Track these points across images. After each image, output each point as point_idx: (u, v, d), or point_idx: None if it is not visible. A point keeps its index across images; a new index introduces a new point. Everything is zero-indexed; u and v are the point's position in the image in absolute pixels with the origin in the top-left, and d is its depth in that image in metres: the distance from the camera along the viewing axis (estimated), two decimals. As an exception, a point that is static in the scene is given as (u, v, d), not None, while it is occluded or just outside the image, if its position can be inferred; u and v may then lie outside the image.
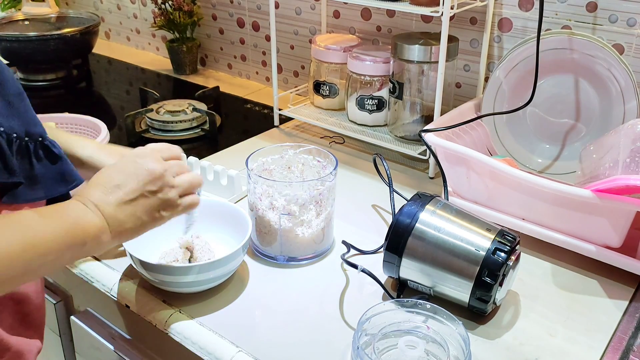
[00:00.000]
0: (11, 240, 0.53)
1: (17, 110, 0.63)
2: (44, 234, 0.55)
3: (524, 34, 1.15)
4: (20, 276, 0.55)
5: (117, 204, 0.62)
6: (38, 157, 0.63)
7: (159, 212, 0.66)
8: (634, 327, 0.78)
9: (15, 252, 0.52)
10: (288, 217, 0.85)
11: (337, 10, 1.42)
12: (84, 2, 2.09)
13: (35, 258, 0.54)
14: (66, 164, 0.66)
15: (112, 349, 0.91)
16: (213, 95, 1.54)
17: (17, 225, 0.54)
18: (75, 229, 0.58)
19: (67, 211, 0.59)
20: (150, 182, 0.65)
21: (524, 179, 0.88)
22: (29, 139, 0.63)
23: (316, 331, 0.77)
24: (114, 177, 0.64)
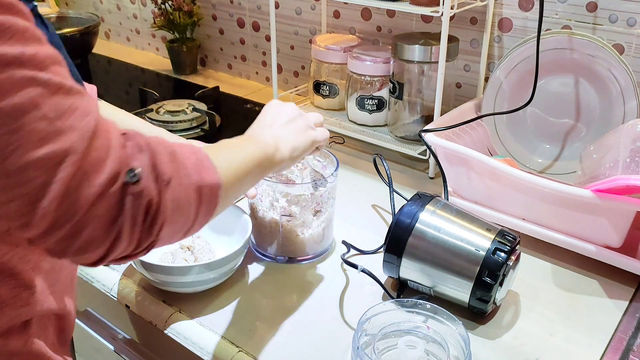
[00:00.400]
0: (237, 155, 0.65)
1: None
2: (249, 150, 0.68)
3: (524, 34, 1.15)
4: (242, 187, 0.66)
5: (277, 127, 0.76)
6: None
7: (307, 132, 0.78)
8: (634, 327, 0.78)
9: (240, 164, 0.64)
10: (288, 218, 0.85)
11: (337, 10, 1.42)
12: (83, 2, 2.09)
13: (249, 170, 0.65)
14: None
15: (112, 349, 0.91)
16: (213, 96, 1.53)
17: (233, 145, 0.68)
18: (263, 147, 0.70)
19: (252, 136, 0.74)
20: (292, 114, 0.79)
21: (524, 179, 0.88)
22: None
23: (316, 331, 0.77)
24: (267, 118, 0.78)
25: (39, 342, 0.61)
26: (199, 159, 0.55)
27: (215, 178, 0.56)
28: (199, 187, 0.54)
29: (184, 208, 0.52)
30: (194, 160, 0.55)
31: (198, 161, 0.55)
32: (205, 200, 0.55)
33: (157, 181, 0.49)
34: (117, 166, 0.46)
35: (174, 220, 0.51)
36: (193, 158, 0.55)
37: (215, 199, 0.56)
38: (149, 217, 0.48)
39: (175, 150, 0.53)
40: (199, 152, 0.56)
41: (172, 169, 0.51)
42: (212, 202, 0.56)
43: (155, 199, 0.48)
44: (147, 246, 0.50)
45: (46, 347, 0.62)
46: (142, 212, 0.48)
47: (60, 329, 0.66)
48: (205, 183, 0.54)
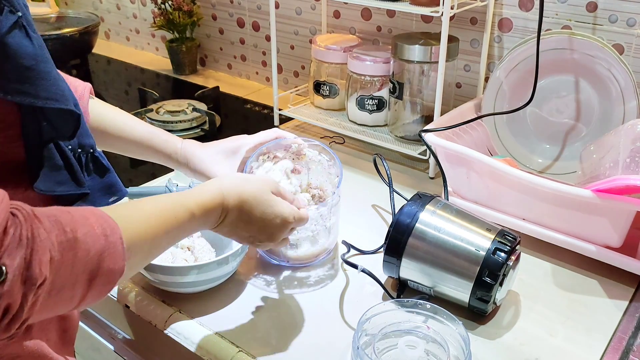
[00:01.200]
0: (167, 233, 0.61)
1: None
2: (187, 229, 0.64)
3: (524, 34, 1.15)
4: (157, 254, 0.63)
5: (237, 225, 0.70)
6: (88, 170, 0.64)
7: (241, 241, 0.74)
8: (634, 327, 0.78)
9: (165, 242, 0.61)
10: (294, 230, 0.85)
11: (338, 10, 1.42)
12: (83, 2, 2.09)
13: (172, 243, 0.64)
14: (113, 175, 0.68)
15: (112, 350, 0.91)
16: (213, 96, 1.54)
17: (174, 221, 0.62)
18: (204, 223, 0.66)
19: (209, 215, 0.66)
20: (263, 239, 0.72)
21: (524, 179, 0.88)
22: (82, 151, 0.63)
23: (316, 331, 0.77)
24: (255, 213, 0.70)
25: (40, 343, 0.61)
26: (110, 242, 0.51)
27: (119, 265, 0.52)
28: (94, 275, 0.50)
29: (65, 296, 0.49)
30: (102, 245, 0.51)
31: (107, 246, 0.51)
32: (97, 286, 0.51)
33: (25, 284, 0.45)
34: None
35: (45, 310, 0.48)
36: (102, 242, 0.51)
37: (110, 284, 0.53)
38: (7, 317, 0.45)
39: (77, 236, 0.49)
40: (112, 235, 0.52)
41: (55, 266, 0.47)
42: (105, 288, 0.53)
43: (16, 302, 0.45)
44: (6, 338, 0.47)
45: (48, 347, 0.62)
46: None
47: (63, 330, 0.66)
48: (104, 270, 0.51)
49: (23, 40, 0.51)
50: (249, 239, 0.72)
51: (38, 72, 0.53)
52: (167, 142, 0.86)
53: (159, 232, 0.59)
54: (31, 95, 0.54)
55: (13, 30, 0.50)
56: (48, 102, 0.55)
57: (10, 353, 0.58)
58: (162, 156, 0.87)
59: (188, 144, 0.88)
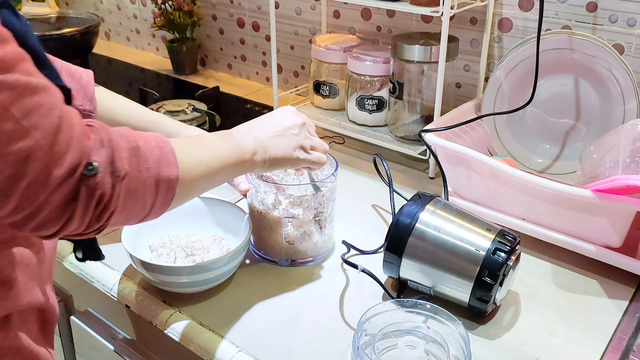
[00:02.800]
0: (205, 152, 0.67)
1: None
2: (222, 149, 0.70)
3: (524, 34, 1.15)
4: (206, 183, 0.68)
5: (266, 137, 0.77)
6: None
7: (295, 152, 0.79)
8: (634, 327, 0.78)
9: (208, 161, 0.66)
10: (291, 219, 0.85)
11: (337, 10, 1.42)
12: (84, 2, 2.09)
13: (217, 169, 0.68)
14: None
15: (112, 349, 0.91)
16: (213, 96, 1.54)
17: (206, 142, 0.70)
18: (239, 149, 0.72)
19: (233, 136, 0.74)
20: (292, 127, 0.80)
21: (524, 179, 0.88)
22: None
23: (316, 331, 0.77)
24: (263, 120, 0.80)
25: (21, 335, 0.62)
26: (164, 153, 0.59)
27: (175, 173, 0.59)
28: (157, 181, 0.58)
29: (139, 199, 0.57)
30: (157, 154, 0.58)
31: (161, 155, 0.59)
32: (161, 193, 0.59)
33: (112, 175, 0.53)
34: (77, 159, 0.51)
35: (126, 209, 0.56)
36: (157, 152, 0.58)
37: (172, 192, 0.60)
38: (100, 206, 0.53)
39: (139, 144, 0.57)
40: (165, 147, 0.60)
41: (130, 164, 0.55)
42: (168, 195, 0.60)
43: (108, 192, 0.53)
44: (96, 229, 0.55)
45: (29, 339, 0.63)
46: (94, 202, 0.52)
47: (44, 322, 0.67)
48: (164, 177, 0.58)
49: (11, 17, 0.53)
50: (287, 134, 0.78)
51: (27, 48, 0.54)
52: (174, 123, 0.90)
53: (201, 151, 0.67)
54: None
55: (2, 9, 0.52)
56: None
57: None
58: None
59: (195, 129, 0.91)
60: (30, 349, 0.63)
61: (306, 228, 0.86)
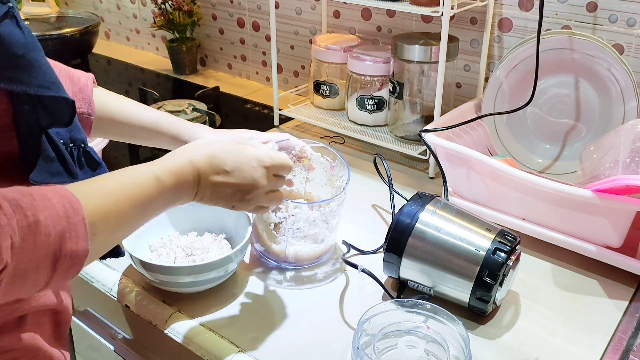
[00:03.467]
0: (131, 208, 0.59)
1: None
2: (153, 200, 0.62)
3: (524, 34, 1.15)
4: (129, 233, 0.62)
5: (214, 183, 0.68)
6: (80, 164, 0.65)
7: (232, 207, 0.72)
8: (634, 327, 0.78)
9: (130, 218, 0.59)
10: (296, 231, 0.85)
11: (337, 10, 1.42)
12: (83, 2, 2.09)
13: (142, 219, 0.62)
14: (105, 170, 0.68)
15: (112, 349, 0.91)
16: (213, 95, 1.54)
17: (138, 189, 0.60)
18: (176, 194, 0.65)
19: (178, 177, 0.64)
20: (247, 191, 0.70)
21: (524, 179, 0.88)
22: (73, 145, 0.64)
23: (316, 331, 0.77)
24: (228, 162, 0.68)
25: (34, 336, 0.62)
26: (72, 224, 0.51)
27: (82, 246, 0.52)
28: (57, 258, 0.51)
29: (29, 279, 0.50)
30: (63, 227, 0.51)
31: (69, 227, 0.51)
32: (62, 269, 0.52)
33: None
34: None
35: (9, 293, 0.49)
36: (63, 224, 0.51)
37: (75, 266, 0.53)
38: None
39: (39, 219, 0.49)
40: (74, 216, 0.52)
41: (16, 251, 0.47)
42: (71, 270, 0.53)
43: None
44: None
45: (42, 341, 0.63)
46: None
47: (57, 324, 0.66)
48: (67, 252, 0.51)
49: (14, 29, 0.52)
50: (234, 197, 0.69)
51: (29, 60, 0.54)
52: (174, 123, 0.86)
53: (123, 206, 0.58)
54: (23, 83, 0.54)
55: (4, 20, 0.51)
56: (40, 89, 0.55)
57: (4, 346, 0.59)
58: (169, 139, 0.85)
59: (197, 125, 0.87)
60: (44, 350, 0.63)
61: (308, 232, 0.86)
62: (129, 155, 1.31)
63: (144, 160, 0.87)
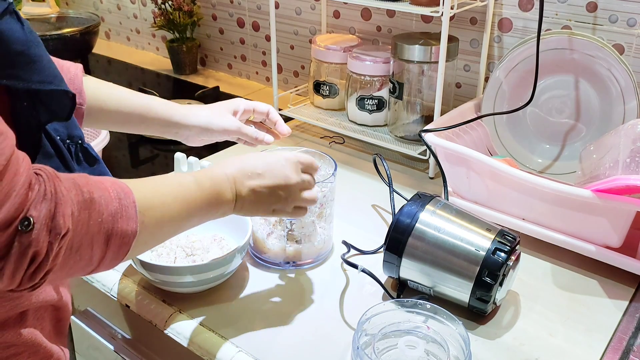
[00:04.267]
0: (174, 202, 0.62)
1: None
2: (195, 200, 0.65)
3: (524, 34, 1.15)
4: (169, 234, 0.64)
5: (250, 188, 0.70)
6: (78, 160, 0.65)
7: (272, 212, 0.74)
8: (634, 327, 0.78)
9: (174, 213, 0.62)
10: (293, 222, 0.85)
11: (337, 10, 1.42)
12: (84, 2, 2.09)
13: (184, 218, 0.64)
14: (102, 166, 0.69)
15: (112, 349, 0.91)
16: (213, 95, 1.54)
17: (178, 189, 0.64)
18: (215, 200, 0.67)
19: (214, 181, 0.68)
20: (283, 187, 0.72)
21: (524, 179, 0.88)
22: (71, 142, 0.65)
23: (316, 331, 0.77)
24: (258, 166, 0.72)
25: (35, 332, 0.62)
26: (123, 205, 0.55)
27: (132, 227, 0.55)
28: (109, 236, 0.53)
29: (84, 255, 0.52)
30: (115, 207, 0.54)
31: (120, 208, 0.54)
32: (113, 248, 0.54)
33: (50, 233, 0.48)
34: (14, 212, 0.47)
35: (67, 266, 0.52)
36: (115, 205, 0.54)
37: (126, 247, 0.55)
38: (33, 265, 0.48)
39: (94, 196, 0.52)
40: (125, 198, 0.55)
41: (78, 219, 0.50)
42: (121, 250, 0.55)
43: (43, 250, 0.48)
44: (30, 287, 0.51)
45: (42, 337, 0.63)
46: (26, 260, 0.48)
47: (57, 320, 0.67)
48: (118, 231, 0.54)
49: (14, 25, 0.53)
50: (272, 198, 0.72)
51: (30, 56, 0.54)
52: (165, 104, 0.87)
53: (167, 200, 0.62)
54: (24, 79, 0.54)
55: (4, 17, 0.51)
56: (42, 84, 0.56)
57: (5, 342, 0.59)
58: (161, 121, 0.86)
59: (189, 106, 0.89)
60: (44, 346, 0.63)
61: (307, 230, 0.86)
62: (129, 156, 1.31)
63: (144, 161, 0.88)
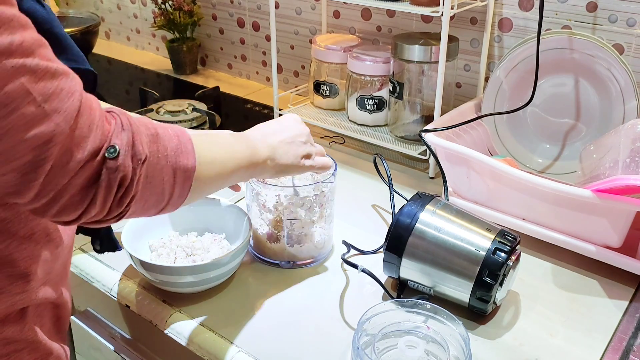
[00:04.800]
0: (221, 149, 0.67)
1: None
2: (238, 151, 0.70)
3: (524, 34, 1.15)
4: (220, 182, 0.68)
5: (277, 141, 0.77)
6: None
7: (302, 160, 0.79)
8: (634, 327, 0.78)
9: (223, 159, 0.67)
10: (294, 221, 0.85)
11: (337, 10, 1.42)
12: (84, 2, 2.09)
13: (231, 168, 0.68)
14: None
15: (112, 349, 0.91)
16: (213, 95, 1.54)
17: (222, 140, 0.70)
18: (253, 153, 0.72)
19: (248, 138, 0.74)
20: (300, 135, 0.80)
21: (524, 179, 0.88)
22: None
23: (316, 331, 0.77)
24: (272, 126, 0.79)
25: (35, 329, 0.63)
26: (182, 142, 0.59)
27: (192, 162, 0.59)
28: (175, 169, 0.58)
29: (157, 186, 0.57)
30: (176, 143, 0.58)
31: (179, 144, 0.59)
32: (179, 182, 0.58)
33: (133, 159, 0.53)
34: (99, 142, 0.51)
35: (145, 195, 0.56)
36: (175, 141, 0.58)
37: (188, 181, 0.59)
38: (121, 190, 0.53)
39: (158, 132, 0.57)
40: (182, 136, 0.60)
41: (149, 150, 0.55)
42: (185, 185, 0.59)
43: (129, 175, 0.53)
44: (117, 215, 0.55)
45: (42, 334, 0.64)
46: (115, 185, 0.52)
47: (57, 318, 0.67)
48: (181, 165, 0.58)
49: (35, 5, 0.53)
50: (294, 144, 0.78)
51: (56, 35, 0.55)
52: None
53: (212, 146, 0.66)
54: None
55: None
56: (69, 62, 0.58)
57: (5, 338, 0.60)
58: None
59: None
60: (44, 343, 0.64)
61: (307, 229, 0.86)
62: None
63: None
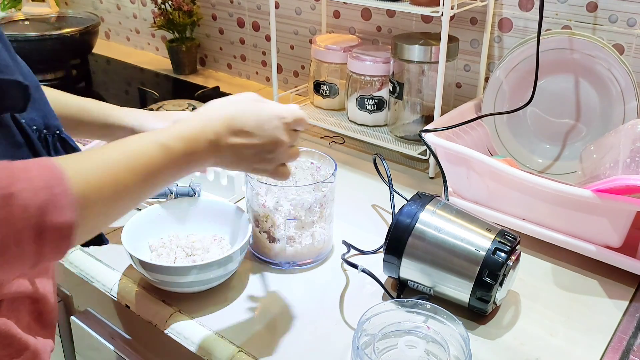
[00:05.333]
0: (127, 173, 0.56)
1: (36, 103, 0.63)
2: (162, 164, 0.59)
3: (524, 34, 1.15)
4: (136, 201, 0.58)
5: (233, 145, 0.65)
6: (56, 150, 0.64)
7: (252, 170, 0.70)
8: (634, 327, 0.78)
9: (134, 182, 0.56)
10: (294, 222, 0.85)
11: (337, 10, 1.42)
12: (83, 2, 2.09)
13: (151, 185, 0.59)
14: None
15: (112, 349, 0.91)
16: (213, 95, 1.53)
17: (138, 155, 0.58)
18: (189, 160, 0.62)
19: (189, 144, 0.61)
20: (271, 147, 0.67)
21: (524, 179, 0.88)
22: (47, 131, 0.63)
23: (316, 331, 0.77)
24: (248, 123, 0.66)
25: (9, 323, 0.61)
26: (54, 195, 0.49)
27: (68, 219, 0.50)
28: (40, 231, 0.49)
29: (13, 253, 0.48)
30: (43, 199, 0.48)
31: (50, 199, 0.49)
32: (49, 242, 0.50)
33: None
34: None
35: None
36: (42, 196, 0.48)
37: (65, 240, 0.51)
38: None
39: (13, 191, 0.47)
40: (57, 186, 0.49)
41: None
42: (62, 243, 0.51)
43: None
44: None
45: (17, 328, 0.62)
46: None
47: (38, 312, 0.66)
48: (50, 225, 0.49)
49: None
50: (256, 158, 0.67)
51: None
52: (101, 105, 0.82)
53: (123, 175, 0.55)
54: None
55: None
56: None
57: None
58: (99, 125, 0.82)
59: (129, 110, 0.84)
60: (19, 338, 0.62)
61: (307, 230, 0.86)
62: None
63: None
